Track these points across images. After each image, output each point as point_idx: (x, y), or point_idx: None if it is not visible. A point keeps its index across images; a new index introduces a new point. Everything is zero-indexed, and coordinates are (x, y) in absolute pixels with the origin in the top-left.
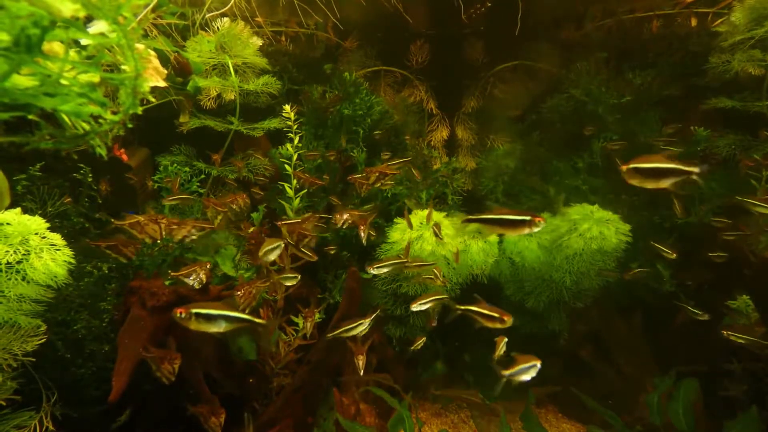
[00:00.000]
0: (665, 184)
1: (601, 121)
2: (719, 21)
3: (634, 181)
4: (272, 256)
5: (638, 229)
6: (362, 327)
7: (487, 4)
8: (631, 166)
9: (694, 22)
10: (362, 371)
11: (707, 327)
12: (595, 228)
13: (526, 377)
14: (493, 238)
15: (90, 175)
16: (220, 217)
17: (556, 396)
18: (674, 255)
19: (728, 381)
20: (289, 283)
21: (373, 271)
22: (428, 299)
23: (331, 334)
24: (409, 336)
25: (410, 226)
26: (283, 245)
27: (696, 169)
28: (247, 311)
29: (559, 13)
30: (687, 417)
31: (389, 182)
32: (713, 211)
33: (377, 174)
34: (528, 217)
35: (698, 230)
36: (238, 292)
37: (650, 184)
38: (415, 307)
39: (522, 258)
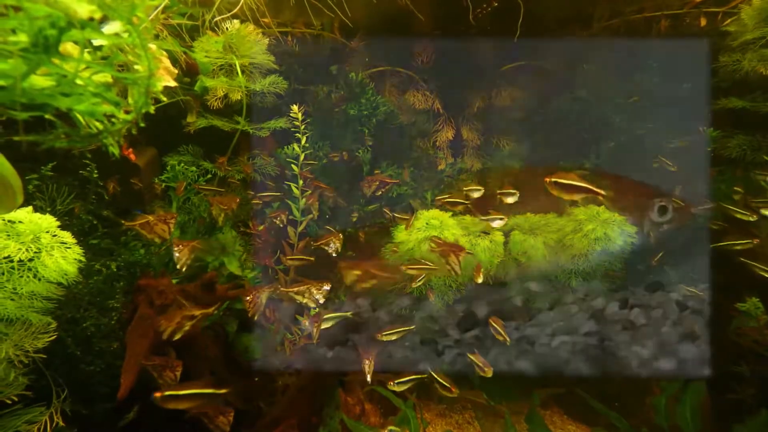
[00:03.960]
0: (577, 197)
1: (607, 122)
2: (729, 20)
3: (554, 192)
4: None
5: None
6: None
7: (494, 3)
8: (553, 179)
9: (703, 21)
10: (369, 376)
11: (715, 329)
12: (600, 229)
13: None
14: (499, 237)
15: (96, 172)
16: (222, 215)
17: (561, 398)
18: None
19: (737, 384)
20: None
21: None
22: (332, 316)
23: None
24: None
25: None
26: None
27: (603, 192)
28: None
29: (567, 12)
30: (694, 420)
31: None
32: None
33: (378, 183)
34: None
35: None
36: (248, 298)
37: (566, 196)
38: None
39: (528, 258)
